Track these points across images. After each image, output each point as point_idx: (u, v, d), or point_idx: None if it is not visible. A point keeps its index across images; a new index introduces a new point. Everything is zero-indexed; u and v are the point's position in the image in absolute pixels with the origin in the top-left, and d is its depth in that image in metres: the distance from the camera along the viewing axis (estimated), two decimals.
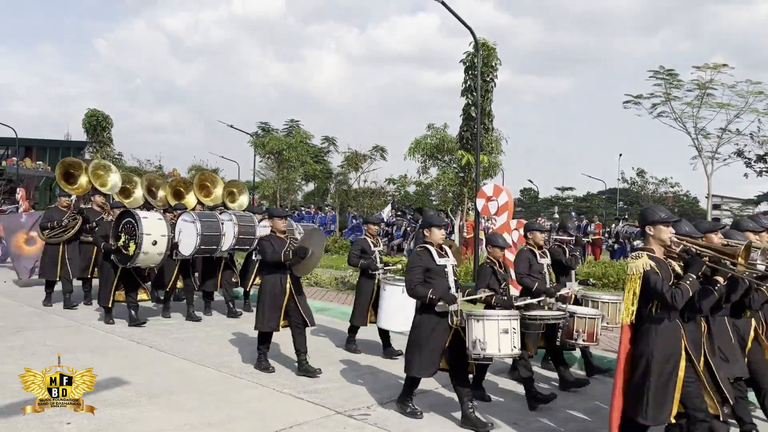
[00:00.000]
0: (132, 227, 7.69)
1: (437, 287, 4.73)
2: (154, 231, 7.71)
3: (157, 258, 7.89)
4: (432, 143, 21.01)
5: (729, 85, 16.02)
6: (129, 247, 7.66)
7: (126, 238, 7.73)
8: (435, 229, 4.98)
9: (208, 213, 8.85)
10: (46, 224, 9.38)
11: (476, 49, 12.14)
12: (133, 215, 7.82)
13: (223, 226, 8.59)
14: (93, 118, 29.24)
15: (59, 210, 9.55)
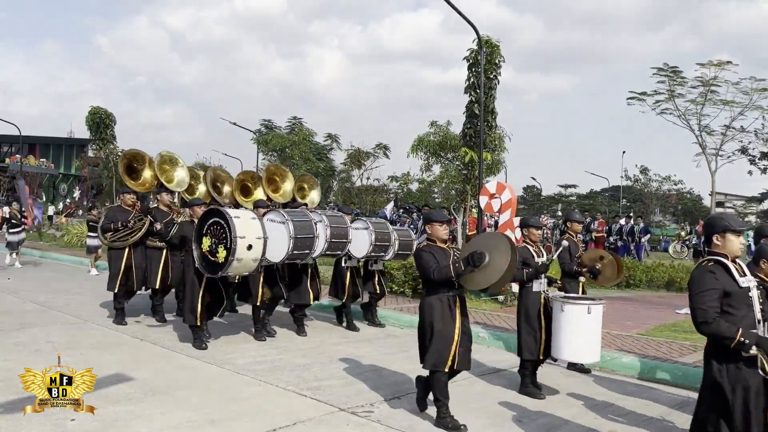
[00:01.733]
0: (221, 229, 6.43)
1: None
2: (248, 233, 6.41)
3: (252, 265, 6.59)
4: (435, 141, 20.96)
5: (733, 83, 16.00)
6: (218, 252, 6.40)
7: (213, 242, 6.47)
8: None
9: (298, 212, 7.56)
10: (108, 225, 7.98)
11: (479, 46, 12.11)
12: (222, 215, 6.50)
13: (317, 227, 7.29)
14: (96, 115, 29.23)
15: (123, 209, 8.17)
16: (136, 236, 7.99)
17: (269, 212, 7.39)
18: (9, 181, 39.99)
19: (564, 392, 5.68)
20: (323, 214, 7.74)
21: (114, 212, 8.20)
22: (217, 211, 6.63)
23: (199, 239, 6.64)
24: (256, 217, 6.76)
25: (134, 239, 8.00)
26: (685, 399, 5.57)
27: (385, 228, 8.35)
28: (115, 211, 8.22)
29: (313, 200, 9.83)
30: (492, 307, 9.80)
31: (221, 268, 6.42)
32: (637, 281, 13.42)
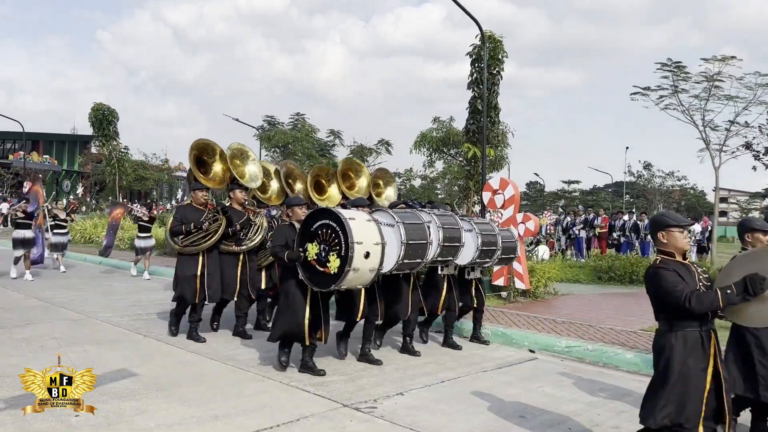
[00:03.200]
0: (332, 233, 5.41)
1: None
2: (365, 238, 5.40)
3: (368, 277, 5.57)
4: (438, 136, 21.00)
5: (737, 78, 15.90)
6: (328, 261, 5.37)
7: (322, 249, 5.44)
8: None
9: (409, 213, 6.52)
10: (179, 228, 6.92)
11: (482, 41, 12.08)
12: (335, 216, 5.45)
13: (430, 231, 6.32)
14: (99, 111, 29.37)
15: (194, 208, 7.08)
16: (212, 240, 6.94)
17: (375, 213, 6.32)
18: (13, 177, 40.06)
19: (567, 389, 5.68)
20: (431, 213, 6.66)
21: (184, 212, 7.07)
22: (328, 212, 5.60)
23: (304, 246, 5.59)
24: (371, 219, 5.75)
25: (209, 243, 6.93)
26: None
27: (491, 230, 7.34)
28: (185, 211, 7.09)
29: (390, 198, 8.71)
30: (494, 303, 9.80)
31: (335, 280, 5.35)
32: (641, 277, 13.40)
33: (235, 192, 7.35)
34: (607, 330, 7.91)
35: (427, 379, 5.78)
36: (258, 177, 7.80)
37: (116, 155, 29.81)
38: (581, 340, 7.17)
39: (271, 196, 8.20)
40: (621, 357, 6.58)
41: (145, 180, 38.26)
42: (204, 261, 6.95)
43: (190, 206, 7.17)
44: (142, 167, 37.63)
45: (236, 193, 7.34)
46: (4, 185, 41.33)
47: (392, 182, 9.07)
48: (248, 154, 7.84)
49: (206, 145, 7.66)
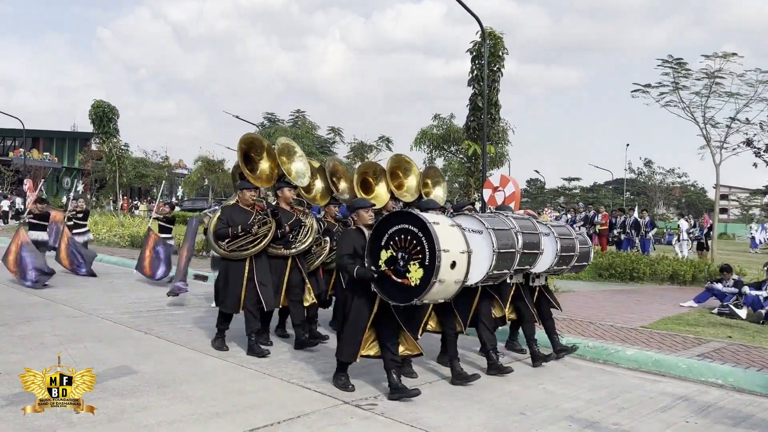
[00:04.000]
0: (412, 240, 4.74)
1: None
2: (451, 245, 4.75)
3: (453, 289, 4.93)
4: (438, 133, 21.00)
5: (738, 74, 15.89)
6: (408, 272, 4.71)
7: (401, 258, 4.76)
8: None
9: (495, 217, 5.88)
10: (225, 230, 6.26)
11: (483, 38, 12.07)
12: (416, 219, 4.77)
13: (518, 238, 5.72)
14: (99, 109, 29.35)
15: (241, 209, 6.44)
16: (261, 245, 6.31)
17: (458, 218, 5.61)
18: (13, 174, 40.09)
19: (567, 386, 5.68)
20: (508, 216, 6.03)
21: (231, 213, 6.40)
22: (408, 216, 4.92)
23: (376, 253, 4.92)
24: (454, 224, 5.10)
25: (258, 248, 6.31)
26: (689, 392, 5.57)
27: (567, 233, 6.73)
28: (231, 212, 6.41)
29: (438, 198, 7.95)
30: None
31: (417, 293, 4.69)
32: (641, 274, 13.40)
33: (283, 190, 6.75)
34: (607, 327, 7.91)
35: (427, 377, 5.78)
36: (305, 174, 7.18)
37: (116, 152, 29.80)
38: (582, 337, 7.17)
39: (315, 195, 7.53)
40: (621, 354, 6.58)
41: (145, 177, 38.27)
42: (252, 267, 6.32)
43: (237, 207, 6.50)
44: (143, 164, 37.66)
45: (285, 192, 6.74)
46: (5, 183, 41.35)
47: (441, 182, 8.27)
48: (295, 150, 7.21)
49: (254, 140, 7.04)
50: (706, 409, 5.14)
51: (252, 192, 6.51)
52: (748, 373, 5.82)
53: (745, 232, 41.92)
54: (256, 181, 6.71)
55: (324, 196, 7.58)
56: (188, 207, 38.30)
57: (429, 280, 4.63)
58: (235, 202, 6.65)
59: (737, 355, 6.55)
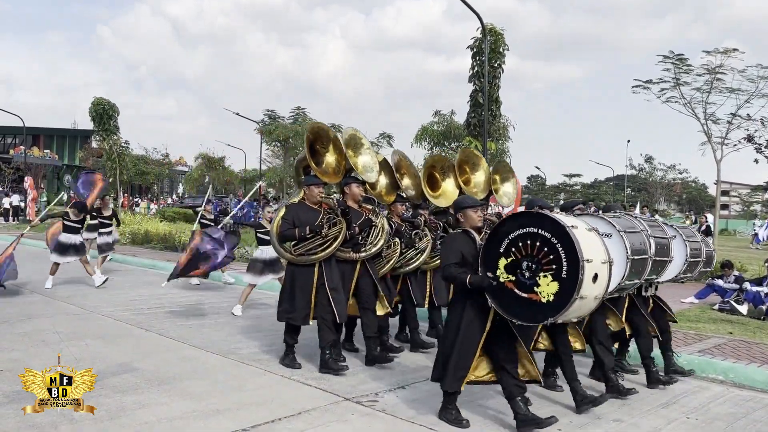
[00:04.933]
0: (542, 246, 4.00)
1: None
2: (593, 254, 4.04)
3: (591, 306, 4.28)
4: (439, 130, 20.99)
5: (739, 70, 15.85)
6: (537, 285, 3.99)
7: (527, 268, 4.05)
8: None
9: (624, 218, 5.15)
10: (291, 232, 5.58)
11: (483, 34, 12.05)
12: (552, 222, 4.02)
13: (670, 243, 5.19)
14: (99, 106, 29.32)
15: (308, 208, 5.74)
16: (332, 247, 5.64)
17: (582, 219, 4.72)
18: (14, 172, 40.10)
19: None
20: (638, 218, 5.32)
21: (297, 213, 5.69)
22: (536, 217, 4.15)
23: (492, 262, 4.23)
24: (591, 227, 4.36)
25: (329, 252, 5.63)
26: (690, 388, 5.56)
27: (693, 235, 5.98)
28: (298, 211, 5.70)
29: (509, 196, 7.24)
30: None
31: (552, 312, 3.97)
32: None
33: (351, 186, 5.99)
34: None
35: (428, 373, 5.75)
36: (372, 168, 6.36)
37: (117, 150, 29.79)
38: None
39: (380, 191, 6.68)
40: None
41: (146, 174, 38.27)
42: (322, 272, 5.64)
43: (303, 205, 5.78)
44: (143, 162, 37.67)
45: (353, 188, 5.98)
46: (5, 180, 41.37)
47: (511, 177, 7.42)
48: (362, 142, 6.38)
49: (321, 130, 6.22)
50: (707, 405, 5.13)
51: (320, 188, 5.79)
52: (749, 369, 5.81)
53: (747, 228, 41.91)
54: (323, 176, 5.93)
55: (389, 193, 6.77)
56: (189, 204, 38.32)
57: (569, 297, 3.87)
58: (299, 199, 5.91)
59: (738, 351, 6.55)
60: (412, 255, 6.51)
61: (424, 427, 4.38)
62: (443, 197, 6.89)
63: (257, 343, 6.70)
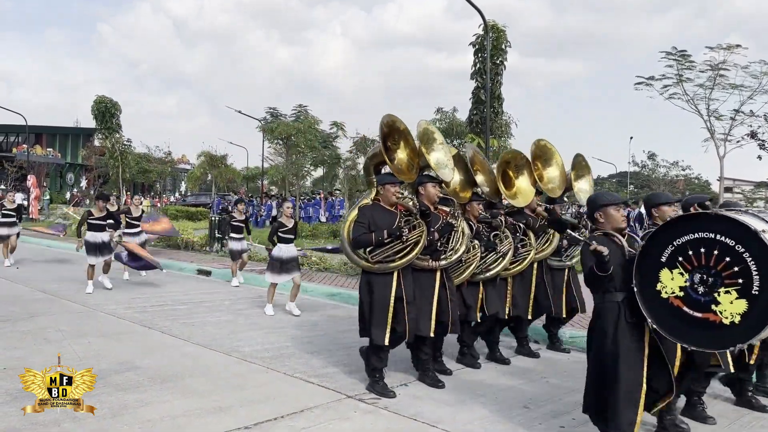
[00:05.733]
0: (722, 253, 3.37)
1: None
2: None
3: None
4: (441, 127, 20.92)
5: (742, 66, 15.83)
6: (716, 303, 3.37)
7: (700, 281, 3.44)
8: None
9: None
10: (367, 237, 4.97)
11: (485, 31, 12.02)
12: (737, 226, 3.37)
13: None
14: (101, 104, 29.37)
15: (384, 210, 5.16)
16: (413, 253, 5.02)
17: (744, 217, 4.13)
18: (16, 171, 40.14)
19: (571, 379, 5.66)
20: None
21: (373, 215, 5.09)
22: (711, 219, 3.48)
23: (651, 272, 3.62)
24: None
25: (409, 258, 5.02)
26: None
27: None
28: (373, 213, 5.11)
29: (585, 193, 6.58)
30: None
31: (741, 336, 3.31)
32: None
33: (427, 186, 5.31)
34: None
35: None
36: (447, 165, 5.63)
37: (119, 148, 29.82)
38: (585, 331, 7.14)
39: (455, 188, 6.00)
40: None
41: (148, 173, 38.29)
42: (399, 283, 5.02)
43: (379, 206, 5.19)
44: (146, 160, 37.68)
45: (429, 188, 5.30)
46: (8, 179, 41.42)
47: (587, 174, 6.72)
48: (434, 137, 5.66)
49: (395, 123, 5.43)
50: (709, 402, 5.11)
51: (397, 187, 5.18)
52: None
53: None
54: (400, 175, 5.26)
55: (463, 190, 6.08)
56: (192, 202, 38.35)
57: (765, 318, 3.19)
58: (372, 200, 5.32)
59: None
60: (493, 260, 5.89)
61: (426, 425, 4.37)
62: (520, 196, 6.30)
63: (259, 341, 6.70)
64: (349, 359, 6.07)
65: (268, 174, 35.93)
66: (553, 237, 6.43)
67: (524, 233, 6.24)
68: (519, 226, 6.24)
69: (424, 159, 5.40)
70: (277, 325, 7.65)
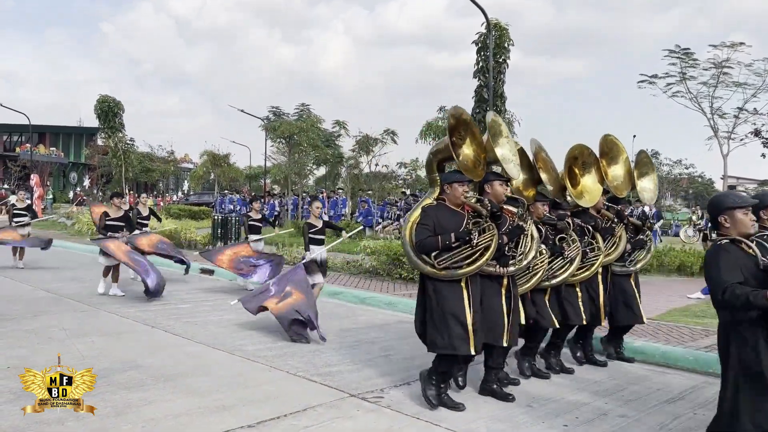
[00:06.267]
0: None
1: None
2: None
3: None
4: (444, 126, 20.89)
5: (746, 64, 15.78)
6: None
7: None
8: None
9: None
10: (432, 241, 4.49)
11: (488, 29, 12.00)
12: None
13: None
14: (104, 104, 29.39)
15: (451, 211, 4.70)
16: (484, 258, 4.55)
17: None
18: (20, 170, 40.23)
19: (574, 378, 5.66)
20: None
21: (437, 216, 4.64)
22: None
23: None
24: None
25: (480, 264, 4.54)
26: (696, 384, 5.54)
27: None
28: (438, 214, 4.65)
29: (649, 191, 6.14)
30: None
31: None
32: (648, 266, 13.33)
33: (494, 185, 4.87)
34: None
35: None
36: (513, 161, 5.05)
37: (122, 147, 29.85)
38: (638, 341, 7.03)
39: (518, 187, 5.61)
40: (628, 346, 6.54)
41: (151, 172, 38.34)
42: (468, 290, 4.59)
43: (444, 207, 4.73)
44: (148, 159, 37.72)
45: (496, 187, 4.87)
46: (12, 178, 41.52)
47: (651, 172, 6.28)
48: (500, 129, 5.05)
49: (461, 115, 4.87)
50: (714, 401, 5.10)
51: (465, 187, 4.69)
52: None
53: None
54: (468, 173, 4.76)
55: (526, 188, 5.63)
56: (195, 201, 38.38)
57: None
58: (435, 200, 4.85)
59: None
60: (559, 266, 5.50)
61: (429, 423, 4.37)
62: (587, 195, 5.79)
63: (262, 340, 6.71)
64: (351, 358, 6.07)
65: (270, 173, 35.90)
66: (620, 240, 5.93)
67: (592, 236, 5.82)
68: (588, 229, 5.80)
69: (491, 154, 4.87)
70: (280, 324, 7.63)
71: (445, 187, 4.77)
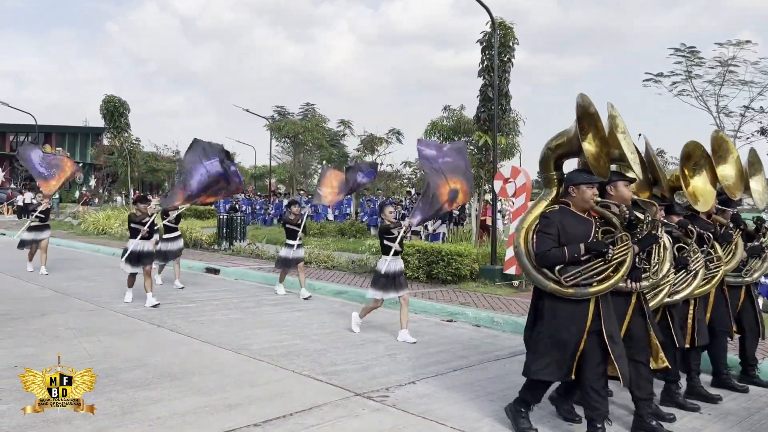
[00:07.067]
0: None
1: None
2: None
3: None
4: (448, 125, 20.84)
5: (752, 62, 15.72)
6: None
7: None
8: None
9: None
10: (558, 253, 3.88)
11: (493, 28, 11.99)
12: None
13: None
14: (110, 104, 29.48)
15: (578, 217, 4.05)
16: (619, 274, 3.92)
17: None
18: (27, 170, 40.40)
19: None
20: None
21: (563, 222, 3.99)
22: None
23: None
24: None
25: (615, 281, 3.92)
26: (702, 382, 5.51)
27: None
28: (563, 220, 4.00)
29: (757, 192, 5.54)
30: (506, 291, 9.77)
31: None
32: None
33: (618, 186, 4.22)
34: None
35: (439, 368, 5.78)
36: (635, 160, 4.38)
37: (128, 147, 29.95)
38: None
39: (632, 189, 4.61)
40: None
41: (156, 171, 38.46)
42: (598, 311, 3.92)
43: (569, 212, 4.06)
44: (154, 159, 37.84)
45: (620, 188, 4.21)
46: (18, 178, 41.72)
47: (759, 172, 5.65)
48: (616, 122, 4.27)
49: (588, 107, 4.12)
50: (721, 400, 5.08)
51: (595, 189, 4.03)
52: (764, 364, 5.75)
53: None
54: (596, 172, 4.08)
55: (641, 191, 4.85)
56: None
57: None
58: (559, 204, 4.16)
59: None
60: (681, 279, 4.80)
61: (434, 422, 4.37)
62: (701, 198, 5.07)
63: (268, 339, 6.72)
64: (357, 357, 6.08)
65: (276, 172, 35.98)
66: (736, 249, 5.34)
67: (711, 245, 5.11)
68: (707, 237, 5.08)
69: (617, 152, 4.19)
70: (286, 323, 7.66)
71: (570, 189, 4.09)
